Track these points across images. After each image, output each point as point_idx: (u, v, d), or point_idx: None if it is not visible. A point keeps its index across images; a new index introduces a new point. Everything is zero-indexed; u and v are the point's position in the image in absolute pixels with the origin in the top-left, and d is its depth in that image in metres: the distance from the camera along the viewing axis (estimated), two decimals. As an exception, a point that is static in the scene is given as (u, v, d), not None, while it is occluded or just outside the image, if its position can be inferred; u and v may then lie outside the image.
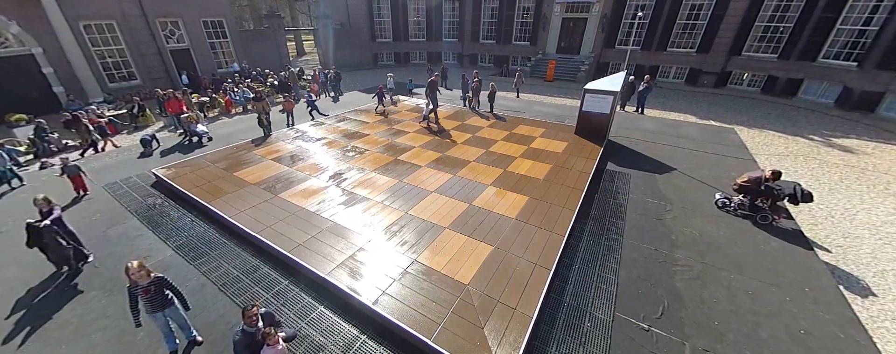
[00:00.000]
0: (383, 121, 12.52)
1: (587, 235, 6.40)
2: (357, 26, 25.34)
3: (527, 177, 8.08)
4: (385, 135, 10.98)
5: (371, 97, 15.45)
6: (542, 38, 22.69)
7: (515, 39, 24.06)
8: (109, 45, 16.81)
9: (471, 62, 26.20)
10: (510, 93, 17.54)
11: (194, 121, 11.16)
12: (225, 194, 7.42)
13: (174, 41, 18.68)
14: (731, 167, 9.29)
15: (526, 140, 10.49)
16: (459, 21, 25.69)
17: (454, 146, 10.03)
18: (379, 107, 13.90)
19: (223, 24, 20.12)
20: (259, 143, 10.41)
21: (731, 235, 6.49)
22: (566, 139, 10.51)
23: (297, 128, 11.84)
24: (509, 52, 24.51)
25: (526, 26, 23.45)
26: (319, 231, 6.13)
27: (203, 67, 19.66)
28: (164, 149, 10.77)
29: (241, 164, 8.87)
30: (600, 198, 7.64)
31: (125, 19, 16.87)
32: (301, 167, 8.68)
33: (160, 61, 18.20)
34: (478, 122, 12.24)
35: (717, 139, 11.33)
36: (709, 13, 18.51)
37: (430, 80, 12.56)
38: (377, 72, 24.38)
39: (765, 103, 16.55)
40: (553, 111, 14.25)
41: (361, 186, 7.73)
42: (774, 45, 17.73)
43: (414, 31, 27.11)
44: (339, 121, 12.50)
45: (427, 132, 11.23)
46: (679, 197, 7.72)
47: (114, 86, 17.16)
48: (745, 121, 13.78)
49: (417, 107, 14.32)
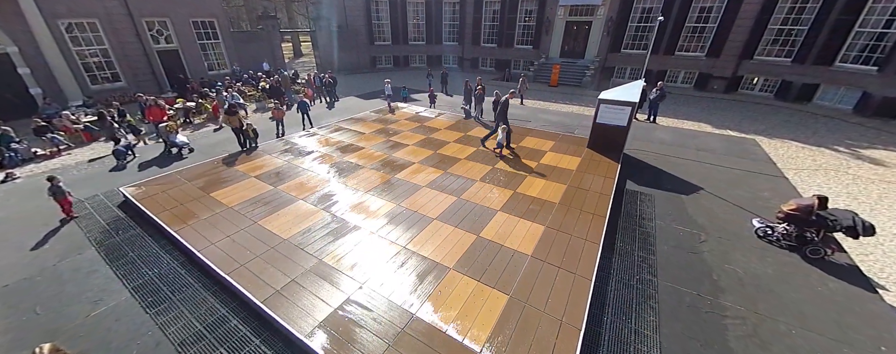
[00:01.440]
0: (380, 131, 11.50)
1: (615, 276, 5.42)
2: (355, 28, 24.29)
3: (540, 201, 7.09)
4: (382, 149, 9.96)
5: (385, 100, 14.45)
6: (545, 41, 21.72)
7: (517, 43, 23.08)
8: (92, 46, 15.73)
9: (472, 66, 25.21)
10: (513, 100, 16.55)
11: (174, 131, 10.10)
12: (197, 220, 6.39)
13: (162, 42, 17.60)
14: (762, 185, 8.34)
15: (535, 154, 9.50)
16: (460, 24, 24.69)
17: (457, 162, 9.03)
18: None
19: (214, 25, 19.06)
20: (243, 157, 9.38)
21: (781, 274, 5.53)
22: (579, 153, 9.53)
23: (287, 139, 10.80)
24: (511, 55, 23.52)
25: (528, 30, 22.47)
26: (302, 272, 5.11)
27: (193, 69, 18.60)
28: (142, 161, 9.71)
29: (220, 182, 7.83)
30: (624, 226, 6.67)
31: (109, 18, 15.79)
32: (287, 186, 7.65)
33: (146, 63, 17.12)
34: (481, 134, 11.23)
35: (740, 152, 10.39)
36: (719, 16, 17.60)
37: (503, 99, 9.64)
38: (375, 77, 23.36)
39: (780, 110, 15.65)
40: (561, 120, 13.27)
41: (354, 211, 6.72)
42: (788, 48, 16.84)
43: (413, 34, 26.09)
44: (332, 132, 11.47)
45: (428, 146, 10.21)
46: (712, 224, 6.76)
47: (96, 89, 16.08)
48: (764, 130, 12.86)
49: (416, 116, 13.30)
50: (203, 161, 9.18)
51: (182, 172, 8.34)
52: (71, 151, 11.14)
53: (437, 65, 26.29)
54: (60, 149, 10.97)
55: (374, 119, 12.85)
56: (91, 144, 11.81)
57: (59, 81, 14.68)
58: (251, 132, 9.92)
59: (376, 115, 13.32)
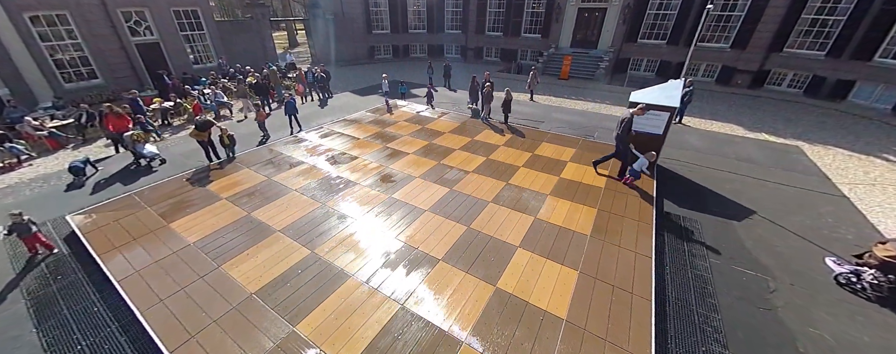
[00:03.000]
0: (377, 136, 10.10)
1: (675, 348, 4.16)
2: (351, 16, 22.48)
3: (567, 232, 5.79)
4: (378, 158, 8.60)
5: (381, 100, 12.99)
6: (555, 30, 19.97)
7: (525, 32, 21.31)
8: (63, 40, 14.15)
9: (476, 56, 23.49)
10: (523, 95, 15.05)
11: (141, 141, 8.73)
12: (148, 263, 5.12)
13: (141, 34, 15.99)
14: (821, 208, 7.00)
15: (554, 166, 8.13)
16: (463, 11, 22.83)
17: (464, 177, 7.68)
18: None
19: (198, 14, 17.35)
20: (218, 170, 8.05)
21: (886, 343, 4.27)
22: (605, 164, 8.17)
23: (271, 146, 9.42)
24: (518, 45, 21.79)
25: (537, 17, 20.67)
26: (269, 350, 3.87)
27: (176, 64, 17.01)
28: (106, 176, 8.38)
29: (185, 207, 6.53)
30: (674, 266, 5.38)
31: (80, 9, 14.15)
32: (264, 212, 6.34)
33: (125, 58, 15.56)
34: (491, 138, 9.84)
35: (784, 162, 9.00)
36: (747, 3, 15.84)
37: (628, 116, 7.55)
38: (373, 68, 21.72)
39: (812, 109, 14.13)
40: (577, 120, 11.82)
41: (344, 250, 5.43)
42: (822, 41, 15.16)
43: (414, 22, 24.24)
44: (323, 136, 10.07)
45: (430, 155, 8.84)
46: (778, 264, 5.46)
47: (71, 87, 14.59)
48: (801, 134, 11.41)
49: (417, 116, 11.85)
50: (173, 176, 7.85)
51: (144, 193, 7.02)
52: (33, 162, 9.81)
53: (439, 56, 24.60)
54: (21, 160, 9.64)
55: (369, 120, 11.41)
56: (58, 153, 10.46)
57: (28, 80, 13.22)
58: (227, 139, 8.55)
59: (372, 116, 11.88)
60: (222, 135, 8.42)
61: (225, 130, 8.48)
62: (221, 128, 8.43)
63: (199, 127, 8.04)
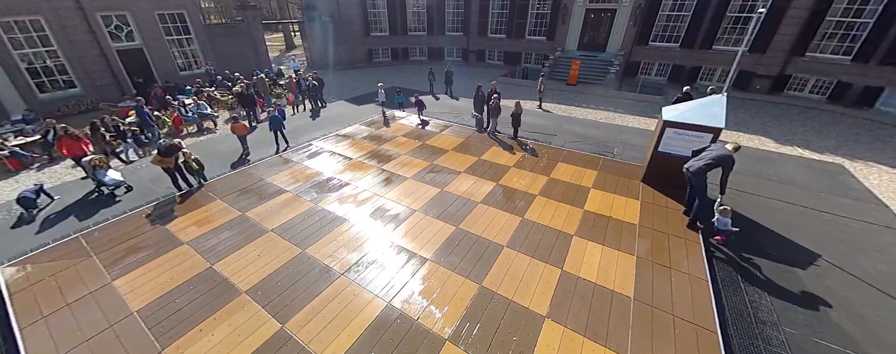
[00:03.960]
0: (371, 155, 8.88)
1: None
2: (348, 18, 21.17)
3: (605, 292, 4.60)
4: (373, 185, 7.40)
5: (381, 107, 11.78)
6: (562, 32, 18.69)
7: (529, 34, 20.02)
8: (37, 47, 12.90)
9: (477, 59, 22.21)
10: (530, 103, 13.83)
11: (102, 167, 7.51)
12: (73, 348, 3.94)
13: (123, 40, 14.72)
14: (894, 247, 5.82)
15: (576, 194, 6.93)
16: (465, 12, 21.52)
17: (472, 209, 6.48)
18: None
19: (185, 18, 16.07)
20: (186, 202, 6.85)
21: None
22: (633, 192, 6.97)
23: (251, 169, 8.19)
24: (522, 48, 20.51)
25: (542, 18, 19.38)
26: None
27: (161, 70, 15.76)
28: (61, 207, 7.16)
29: (137, 254, 5.33)
30: (741, 340, 4.19)
31: (55, 14, 12.90)
32: (231, 265, 5.14)
33: (105, 65, 14.31)
34: (499, 158, 8.63)
35: (832, 185, 7.80)
36: (768, 4, 14.56)
37: None
38: (372, 72, 20.44)
39: (839, 117, 12.91)
40: (592, 133, 10.59)
41: (329, 319, 4.25)
42: (848, 44, 13.91)
43: (413, 24, 22.93)
44: (311, 156, 8.85)
45: (433, 180, 7.63)
46: (869, 336, 4.28)
47: (46, 98, 13.35)
48: (837, 148, 10.20)
49: (416, 130, 10.61)
50: (136, 208, 6.66)
51: (93, 235, 5.82)
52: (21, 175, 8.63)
53: (439, 59, 23.31)
54: None
55: (364, 135, 10.18)
56: (19, 175, 9.23)
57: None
58: (194, 163, 7.32)
59: (367, 130, 10.65)
60: (187, 159, 7.19)
61: (189, 154, 7.25)
62: (185, 152, 7.21)
63: (163, 152, 6.81)
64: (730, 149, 5.49)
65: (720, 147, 5.65)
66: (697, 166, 5.55)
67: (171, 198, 6.96)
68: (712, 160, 5.43)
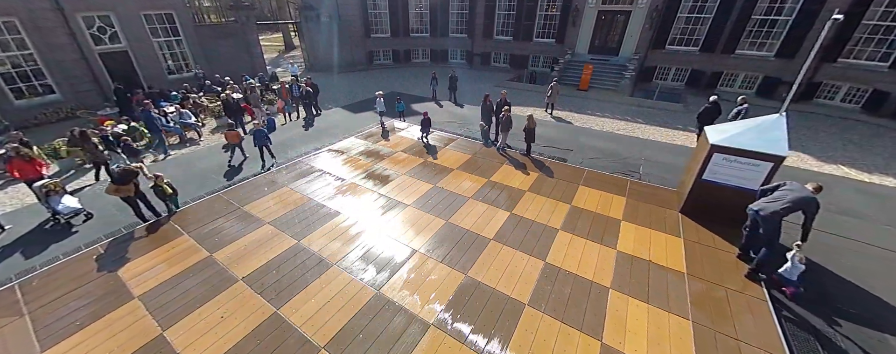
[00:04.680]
0: (366, 175, 7.83)
1: None
2: (348, 19, 20.11)
3: (655, 378, 3.56)
4: (367, 214, 6.35)
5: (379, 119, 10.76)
6: (572, 34, 17.57)
7: (537, 36, 18.89)
8: (11, 51, 11.90)
9: (482, 62, 21.11)
10: (539, 111, 12.76)
11: (57, 193, 6.49)
12: None
13: (106, 42, 13.71)
14: None
15: (605, 228, 5.87)
16: (470, 13, 20.41)
17: (485, 248, 5.43)
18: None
19: (173, 18, 15.04)
20: (149, 236, 5.83)
21: None
22: (670, 224, 5.91)
23: (228, 194, 7.14)
24: (530, 50, 19.39)
25: (551, 20, 18.25)
26: None
27: (148, 74, 14.75)
28: (9, 239, 6.14)
29: (77, 312, 4.31)
30: None
31: (31, 16, 11.90)
32: (187, 329, 4.11)
33: (86, 69, 13.31)
34: (512, 179, 7.56)
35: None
36: (797, 6, 13.42)
37: None
38: (372, 76, 19.40)
39: (879, 130, 11.76)
40: (612, 148, 9.49)
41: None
42: (885, 50, 12.77)
43: (416, 25, 21.84)
44: (299, 176, 7.79)
45: (436, 209, 6.59)
46: None
47: (23, 105, 12.36)
48: (886, 167, 9.07)
49: (417, 145, 9.53)
50: (89, 245, 5.65)
51: (31, 284, 4.80)
52: None
53: (443, 61, 22.25)
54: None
55: (360, 150, 9.13)
56: None
57: (-38, 97, 10.99)
58: (166, 187, 6.30)
59: (364, 144, 9.60)
60: (158, 183, 6.17)
61: (161, 178, 6.22)
62: (157, 174, 6.19)
63: (117, 179, 5.77)
64: (811, 190, 4.41)
65: (800, 188, 4.56)
66: (772, 209, 4.47)
67: (130, 234, 5.94)
68: (791, 203, 4.35)
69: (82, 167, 9.37)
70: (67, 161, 9.31)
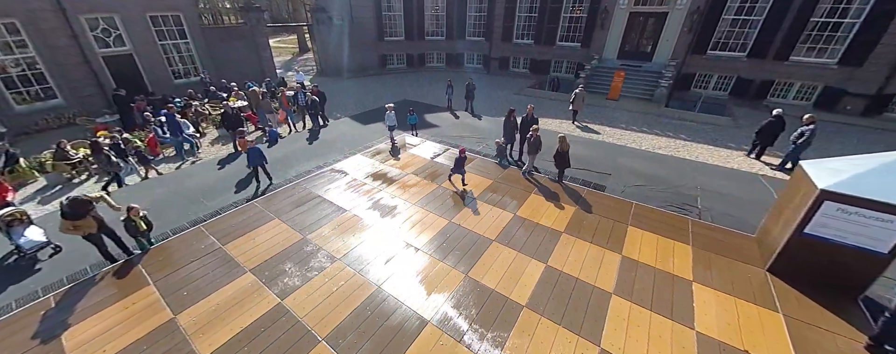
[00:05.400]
0: (371, 204, 6.65)
1: None
2: (361, 22, 19.08)
3: None
4: (366, 264, 5.17)
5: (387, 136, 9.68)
6: (599, 38, 16.03)
7: (561, 39, 17.41)
8: (11, 54, 11.29)
9: (501, 67, 19.74)
10: (564, 122, 11.37)
11: (22, 222, 5.55)
12: None
13: (111, 44, 13.03)
14: None
15: (673, 294, 4.49)
16: (488, 15, 19.08)
17: (518, 315, 4.16)
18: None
19: (180, 20, 14.29)
20: (112, 284, 4.80)
21: None
22: (759, 290, 4.49)
23: (211, 230, 6.05)
24: (552, 55, 17.91)
25: (577, 22, 16.74)
26: None
27: (153, 78, 14.05)
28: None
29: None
30: None
31: (32, 17, 11.26)
32: None
33: (88, 72, 12.65)
34: (543, 215, 6.23)
35: None
36: (866, 7, 11.58)
37: None
38: (384, 81, 18.33)
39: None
40: (657, 172, 8.02)
41: None
42: (977, 55, 10.82)
43: (431, 28, 20.65)
44: (295, 206, 6.67)
45: (449, 255, 5.34)
46: None
47: (23, 110, 11.76)
48: None
49: (429, 166, 8.28)
50: (49, 292, 4.66)
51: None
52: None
53: (458, 66, 21.00)
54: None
55: (366, 172, 7.94)
56: None
57: (-42, 103, 10.38)
58: (141, 222, 5.26)
59: (371, 163, 8.42)
60: (130, 217, 5.12)
61: (135, 210, 5.18)
62: (131, 206, 5.15)
63: (68, 213, 4.73)
64: None
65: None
66: None
67: (96, 274, 4.93)
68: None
69: (70, 182, 8.58)
70: (54, 175, 8.50)
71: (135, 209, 5.21)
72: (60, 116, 12.28)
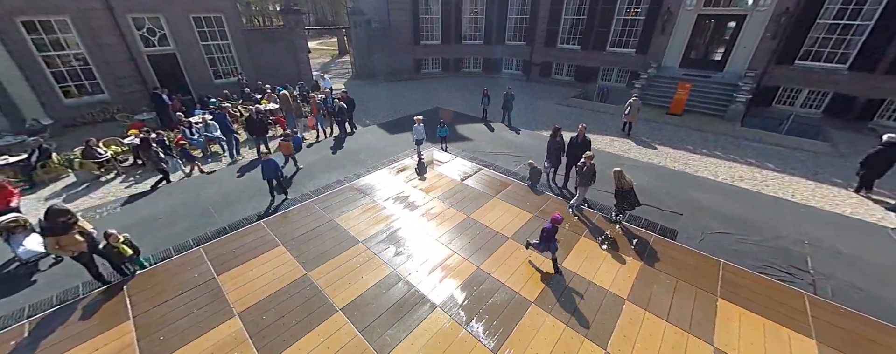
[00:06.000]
0: (386, 238, 5.64)
1: None
2: (397, 25, 18.40)
3: None
4: (382, 303, 4.15)
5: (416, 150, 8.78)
6: (659, 43, 14.10)
7: (612, 45, 15.60)
8: (63, 50, 11.65)
9: (542, 74, 18.22)
10: (613, 140, 9.77)
11: (21, 230, 5.14)
12: None
13: (155, 44, 13.21)
14: None
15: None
16: (531, 18, 17.65)
17: None
18: None
19: (222, 22, 14.31)
20: (92, 315, 4.16)
21: None
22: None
23: (210, 256, 5.34)
24: (601, 62, 16.13)
25: (632, 26, 14.88)
26: None
27: (194, 78, 14.16)
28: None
29: None
30: None
31: (83, 15, 11.53)
32: None
33: (133, 70, 12.85)
34: (596, 268, 4.87)
35: None
36: None
37: None
38: (419, 86, 17.52)
39: None
40: (746, 215, 6.29)
41: None
42: None
43: (469, 31, 19.57)
44: (301, 231, 5.81)
45: (471, 319, 4.19)
46: None
47: (72, 103, 12.11)
48: None
49: (458, 189, 7.14)
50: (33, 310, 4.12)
51: None
52: None
53: (496, 72, 19.75)
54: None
55: (385, 196, 6.92)
56: None
57: (12, 95, 10.78)
58: (124, 248, 4.60)
59: (393, 183, 7.43)
60: (110, 244, 4.49)
61: (114, 237, 4.53)
62: (109, 232, 4.51)
63: (47, 228, 4.13)
64: None
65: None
66: None
67: (85, 296, 4.35)
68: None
69: (98, 180, 8.43)
70: (83, 173, 8.39)
71: (113, 235, 4.54)
72: (105, 111, 12.56)
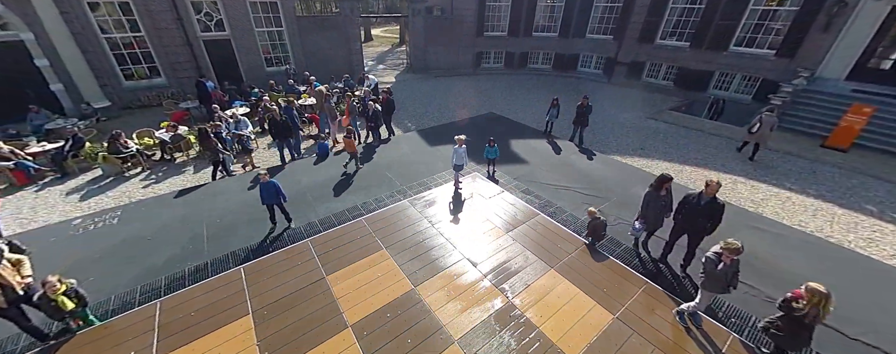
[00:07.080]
0: (389, 328, 3.86)
1: None
2: (460, 14, 16.41)
3: None
4: None
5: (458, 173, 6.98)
6: (817, 45, 10.12)
7: (740, 43, 11.82)
8: (124, 32, 11.89)
9: (629, 75, 14.88)
10: (741, 181, 6.73)
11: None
12: None
13: (211, 29, 13.06)
14: None
15: None
16: (623, 8, 14.37)
17: None
18: None
19: (277, 8, 13.77)
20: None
21: None
22: None
23: (191, 307, 4.05)
24: (718, 66, 12.37)
25: (774, 18, 11.00)
26: None
27: (247, 65, 13.89)
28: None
29: None
30: None
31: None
32: None
33: (189, 54, 12.80)
34: None
35: None
36: None
37: None
38: (475, 82, 15.46)
39: None
40: None
41: None
42: None
43: (542, 22, 16.83)
44: (282, 298, 4.24)
45: None
46: None
47: (130, 86, 12.42)
48: None
49: (508, 245, 5.06)
50: None
51: None
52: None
53: (570, 70, 16.83)
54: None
55: (406, 244, 5.09)
56: (22, 191, 7.40)
57: (73, 76, 11.17)
58: (63, 299, 3.47)
59: (414, 223, 5.62)
60: (49, 295, 3.39)
61: (50, 285, 3.40)
62: (46, 281, 3.41)
63: None
64: None
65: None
66: None
67: None
68: None
69: (122, 175, 8.07)
70: (109, 166, 8.06)
71: (50, 284, 3.41)
72: (160, 95, 12.74)
